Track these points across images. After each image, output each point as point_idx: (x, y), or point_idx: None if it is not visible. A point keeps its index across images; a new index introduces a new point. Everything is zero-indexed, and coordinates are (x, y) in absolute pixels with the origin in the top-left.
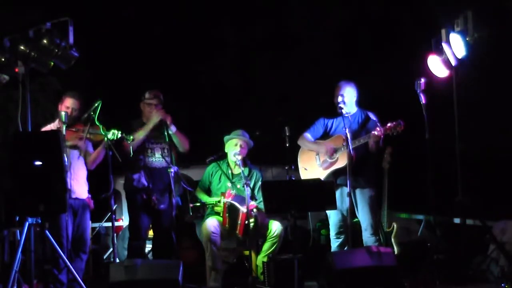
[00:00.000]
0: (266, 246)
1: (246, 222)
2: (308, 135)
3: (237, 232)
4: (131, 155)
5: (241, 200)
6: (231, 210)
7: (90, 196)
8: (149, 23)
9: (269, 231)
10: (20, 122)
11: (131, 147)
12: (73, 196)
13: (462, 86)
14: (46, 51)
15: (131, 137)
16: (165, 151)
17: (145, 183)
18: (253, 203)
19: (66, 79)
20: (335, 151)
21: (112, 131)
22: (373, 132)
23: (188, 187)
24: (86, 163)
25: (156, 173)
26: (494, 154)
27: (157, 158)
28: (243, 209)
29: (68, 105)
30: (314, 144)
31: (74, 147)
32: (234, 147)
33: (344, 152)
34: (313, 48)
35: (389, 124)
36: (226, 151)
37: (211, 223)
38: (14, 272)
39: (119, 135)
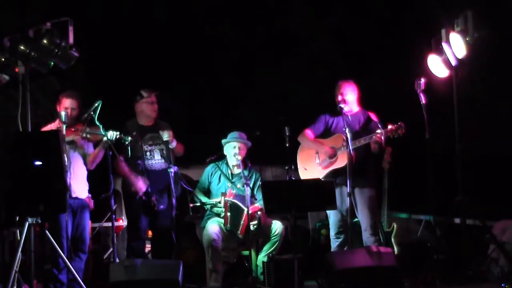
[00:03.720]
0: (267, 245)
1: (249, 223)
2: (309, 131)
3: (239, 232)
4: (129, 156)
5: (242, 200)
6: (233, 209)
7: (90, 196)
8: (149, 22)
9: (271, 231)
10: (20, 122)
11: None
12: (73, 195)
13: (462, 86)
14: (46, 51)
15: (129, 138)
16: (164, 152)
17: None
18: (257, 204)
19: (66, 79)
20: (335, 153)
21: (111, 132)
22: (374, 136)
23: (188, 187)
24: (85, 163)
25: (155, 175)
26: (494, 154)
27: (156, 160)
28: (248, 209)
29: (66, 105)
30: (315, 143)
31: (71, 142)
32: (233, 149)
33: (344, 152)
34: (313, 48)
35: (390, 127)
36: (225, 153)
37: (213, 230)
38: (14, 272)
39: (117, 136)
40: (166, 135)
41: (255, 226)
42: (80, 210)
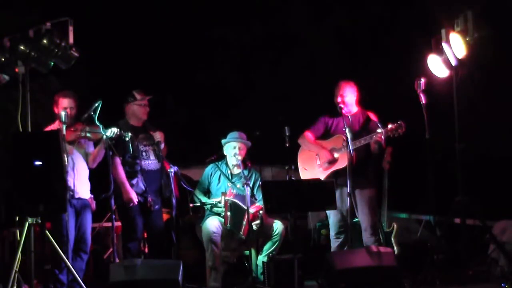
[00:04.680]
0: (268, 245)
1: (252, 223)
2: (309, 134)
3: (241, 232)
4: (131, 152)
5: (242, 200)
6: (234, 209)
7: (92, 196)
8: (149, 23)
9: (272, 230)
10: (20, 122)
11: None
12: (77, 196)
13: (462, 86)
14: (46, 51)
15: (129, 134)
16: (157, 152)
17: (143, 187)
18: (258, 204)
19: (66, 79)
20: (334, 158)
21: (111, 129)
22: (374, 135)
23: (188, 187)
24: (87, 162)
25: (150, 175)
26: (494, 154)
27: (152, 160)
28: (249, 209)
29: (65, 105)
30: (315, 145)
31: (71, 142)
32: (233, 149)
33: (344, 152)
34: (313, 48)
35: (390, 126)
36: (225, 153)
37: (213, 223)
38: (14, 272)
39: (118, 133)
40: (158, 136)
41: (257, 226)
42: (83, 210)
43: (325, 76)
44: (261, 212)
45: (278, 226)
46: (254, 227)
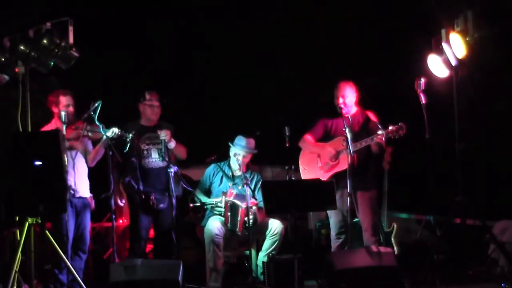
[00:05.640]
0: (266, 244)
1: (246, 218)
2: (309, 136)
3: (237, 229)
4: (126, 151)
5: (242, 199)
6: (233, 209)
7: (92, 195)
8: (149, 23)
9: (269, 229)
10: (20, 122)
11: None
12: (77, 195)
13: (462, 86)
14: (46, 51)
15: (131, 135)
16: (162, 151)
17: (135, 186)
18: (253, 200)
19: (66, 79)
20: (337, 154)
21: (112, 129)
22: (375, 137)
23: (188, 187)
24: (86, 161)
25: (153, 174)
26: (494, 154)
27: (153, 159)
28: (243, 205)
29: (66, 103)
30: (316, 146)
31: (70, 148)
32: (238, 156)
33: (345, 155)
34: (313, 48)
35: (390, 128)
36: (230, 155)
37: (215, 225)
38: (14, 272)
39: (119, 133)
40: (163, 134)
41: (251, 221)
42: (82, 209)
43: (325, 76)
44: (254, 207)
45: (276, 225)
46: (250, 222)
